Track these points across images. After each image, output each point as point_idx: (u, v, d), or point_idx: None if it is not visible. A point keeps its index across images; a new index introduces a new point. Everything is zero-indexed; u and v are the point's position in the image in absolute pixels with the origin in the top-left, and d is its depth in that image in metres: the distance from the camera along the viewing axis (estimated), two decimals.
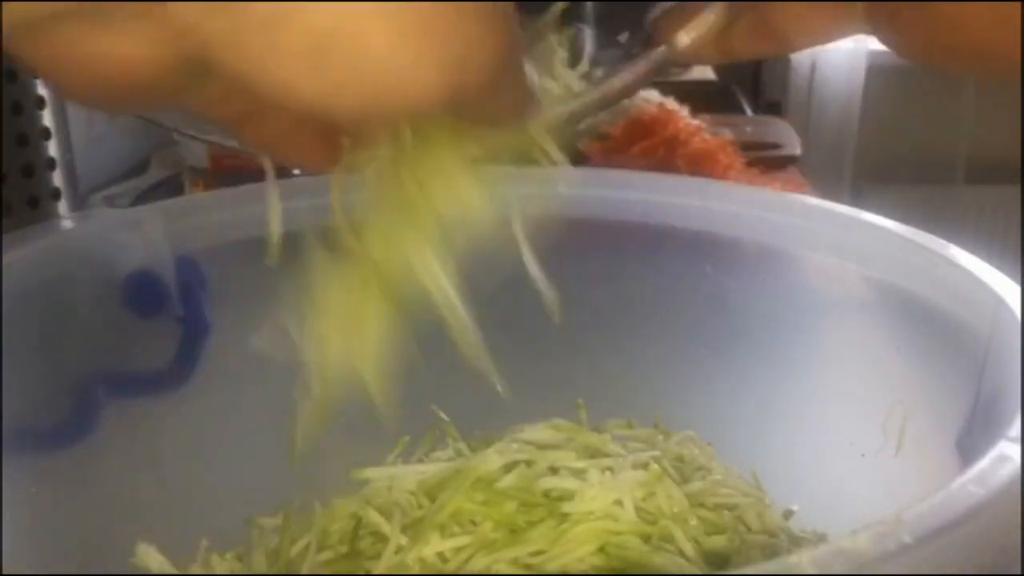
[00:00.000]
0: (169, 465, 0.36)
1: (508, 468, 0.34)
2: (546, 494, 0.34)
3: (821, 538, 0.35)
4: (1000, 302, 0.28)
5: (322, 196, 0.40)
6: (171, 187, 0.85)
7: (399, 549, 0.32)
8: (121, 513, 0.34)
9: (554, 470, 0.34)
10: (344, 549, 0.34)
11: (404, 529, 0.33)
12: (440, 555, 0.32)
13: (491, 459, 0.34)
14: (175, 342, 0.37)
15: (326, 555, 0.34)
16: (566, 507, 0.33)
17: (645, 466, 0.35)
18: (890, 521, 0.17)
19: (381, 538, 0.33)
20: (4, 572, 0.23)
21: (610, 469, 0.35)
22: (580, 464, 0.35)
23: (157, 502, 0.35)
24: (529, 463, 0.35)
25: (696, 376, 0.40)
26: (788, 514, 0.36)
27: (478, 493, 0.33)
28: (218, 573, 0.34)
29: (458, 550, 0.32)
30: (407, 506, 0.34)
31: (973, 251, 0.31)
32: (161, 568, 0.30)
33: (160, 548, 0.31)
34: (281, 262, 0.39)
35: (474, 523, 0.33)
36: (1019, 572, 0.18)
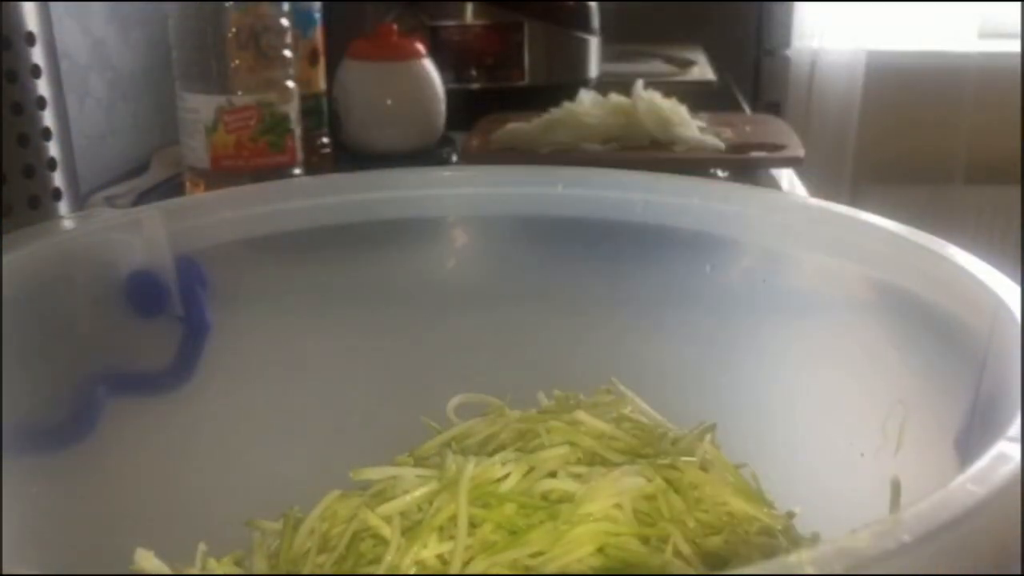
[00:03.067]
0: (169, 466, 0.36)
1: (507, 471, 0.34)
2: (545, 496, 0.34)
3: (821, 538, 0.35)
4: (1000, 302, 0.28)
5: (322, 196, 0.40)
6: (171, 187, 0.85)
7: (399, 551, 0.32)
8: (121, 513, 0.34)
9: (553, 473, 0.34)
10: (344, 552, 0.34)
11: (404, 532, 0.33)
12: (440, 557, 0.32)
13: (491, 463, 0.34)
14: (175, 342, 0.37)
15: (326, 558, 0.34)
16: (565, 509, 0.33)
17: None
18: (890, 521, 0.17)
19: (381, 541, 0.33)
20: (4, 572, 0.23)
21: (609, 471, 0.34)
22: (580, 468, 0.35)
23: (157, 502, 0.35)
24: (529, 466, 0.35)
25: (696, 376, 0.40)
26: (790, 516, 0.36)
27: (477, 496, 0.33)
28: (216, 574, 0.34)
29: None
30: (408, 508, 0.34)
31: (973, 251, 0.31)
32: (157, 570, 0.30)
33: (159, 549, 0.31)
34: (282, 261, 0.40)
35: (473, 525, 0.33)
36: (1019, 572, 0.18)
